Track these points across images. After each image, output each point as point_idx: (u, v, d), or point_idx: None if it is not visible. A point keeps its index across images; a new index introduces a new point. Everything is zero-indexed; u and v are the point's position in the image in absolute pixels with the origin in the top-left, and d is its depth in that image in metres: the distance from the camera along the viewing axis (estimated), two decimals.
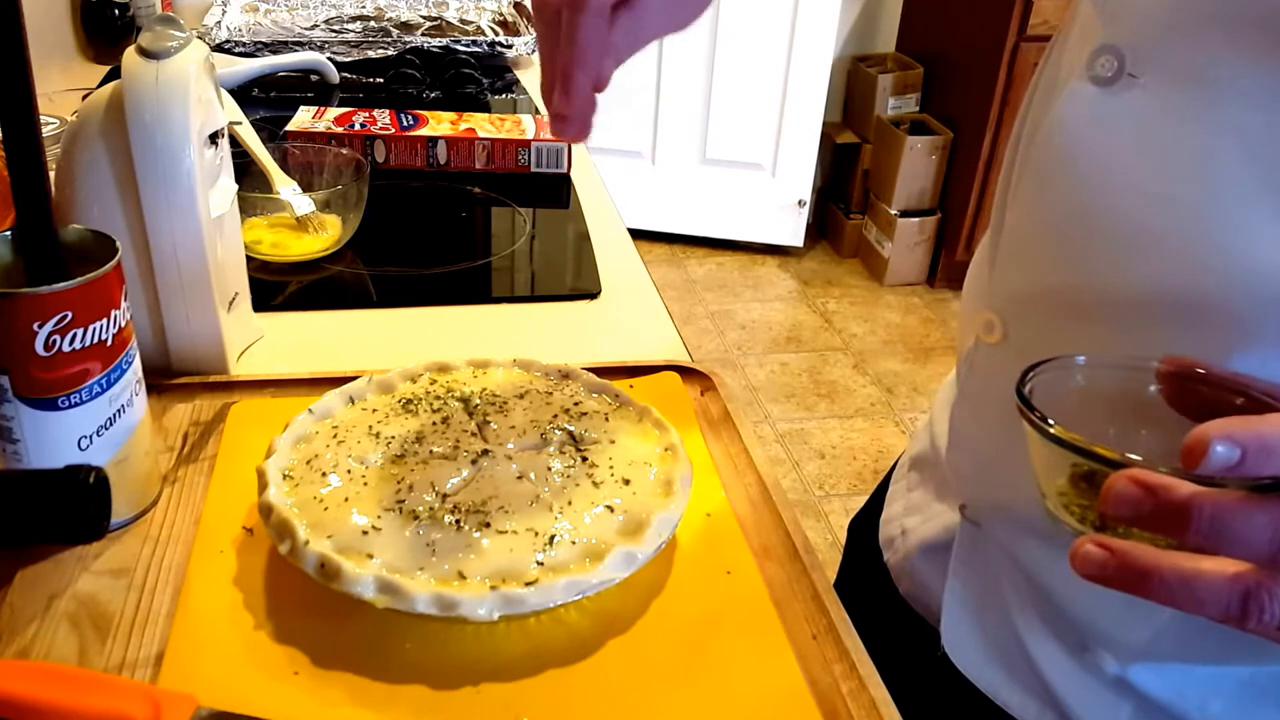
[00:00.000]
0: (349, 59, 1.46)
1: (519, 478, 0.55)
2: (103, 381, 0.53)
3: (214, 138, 0.67)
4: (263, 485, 0.54)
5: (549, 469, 0.56)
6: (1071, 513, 0.40)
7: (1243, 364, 0.43)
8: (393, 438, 0.58)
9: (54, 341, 0.50)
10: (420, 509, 0.52)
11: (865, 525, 0.75)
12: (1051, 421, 0.39)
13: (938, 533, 0.65)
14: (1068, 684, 0.56)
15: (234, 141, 0.88)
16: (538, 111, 1.34)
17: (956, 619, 0.61)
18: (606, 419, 0.61)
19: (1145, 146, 0.47)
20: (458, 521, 0.52)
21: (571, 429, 0.59)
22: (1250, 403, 0.40)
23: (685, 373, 0.72)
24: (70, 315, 0.50)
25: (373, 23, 1.60)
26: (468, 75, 1.43)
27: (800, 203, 3.12)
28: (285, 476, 0.55)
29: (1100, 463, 0.37)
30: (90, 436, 0.54)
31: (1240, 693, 0.51)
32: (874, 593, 0.67)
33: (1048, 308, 0.52)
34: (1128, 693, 0.53)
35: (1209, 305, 0.45)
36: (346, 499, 0.53)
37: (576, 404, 0.62)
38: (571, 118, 0.48)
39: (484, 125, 1.15)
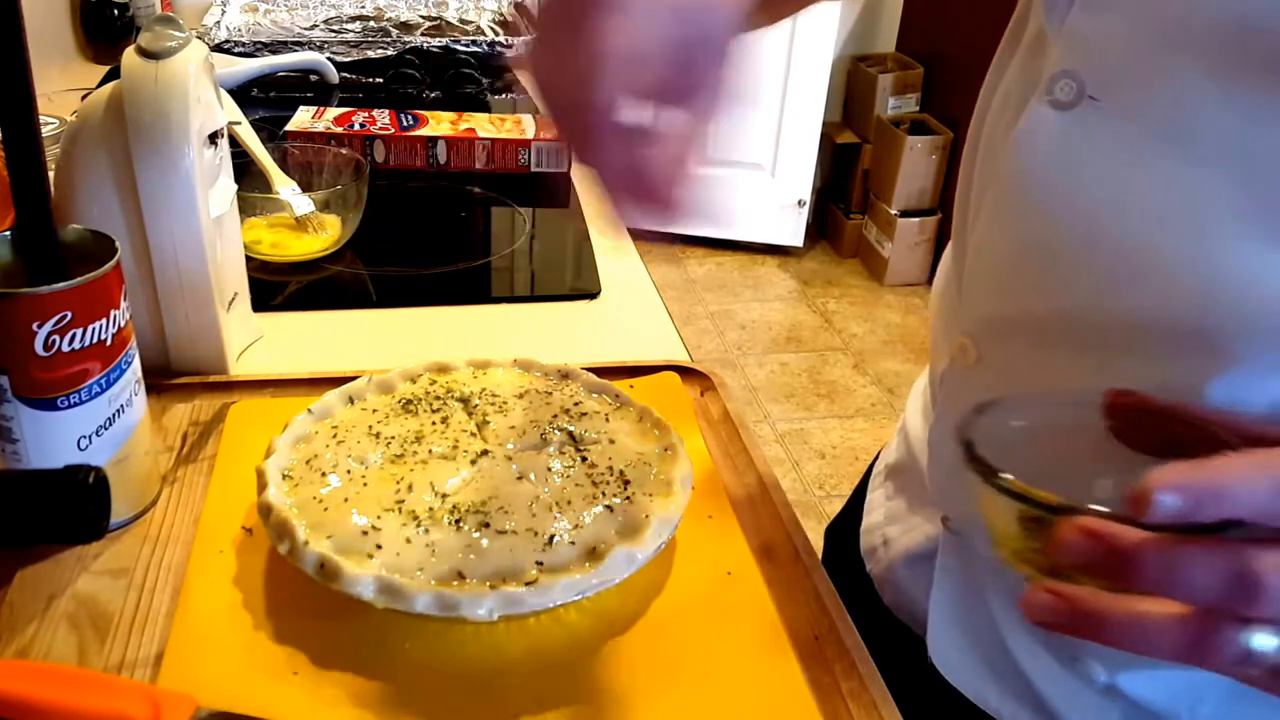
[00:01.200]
0: (348, 59, 1.46)
1: (519, 478, 0.55)
2: (102, 381, 0.53)
3: (213, 138, 0.67)
4: (262, 485, 0.54)
5: (549, 469, 0.56)
6: (1026, 560, 0.39)
7: (1220, 389, 0.43)
8: (392, 438, 0.58)
9: (53, 341, 0.50)
10: (420, 509, 0.52)
11: (843, 532, 0.74)
12: (991, 465, 0.38)
13: (920, 542, 0.64)
14: (1057, 691, 0.55)
15: (233, 141, 0.87)
16: (537, 111, 1.34)
17: (942, 629, 0.60)
18: (606, 419, 0.61)
19: (1111, 170, 0.46)
20: (457, 521, 0.52)
21: (571, 429, 0.59)
22: (1203, 435, 0.39)
23: (685, 373, 0.72)
24: (70, 315, 0.50)
25: (372, 23, 1.60)
26: (467, 75, 1.43)
27: (800, 203, 3.11)
28: (285, 476, 0.55)
29: (1045, 509, 0.36)
30: (90, 436, 0.54)
31: (1229, 696, 0.51)
32: (856, 601, 0.67)
33: (1021, 331, 0.52)
34: (1117, 698, 0.53)
35: (1185, 330, 0.45)
36: (346, 499, 0.53)
37: (576, 404, 0.62)
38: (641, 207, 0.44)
39: (484, 125, 1.15)
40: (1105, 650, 0.53)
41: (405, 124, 1.15)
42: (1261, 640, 0.34)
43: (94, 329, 0.51)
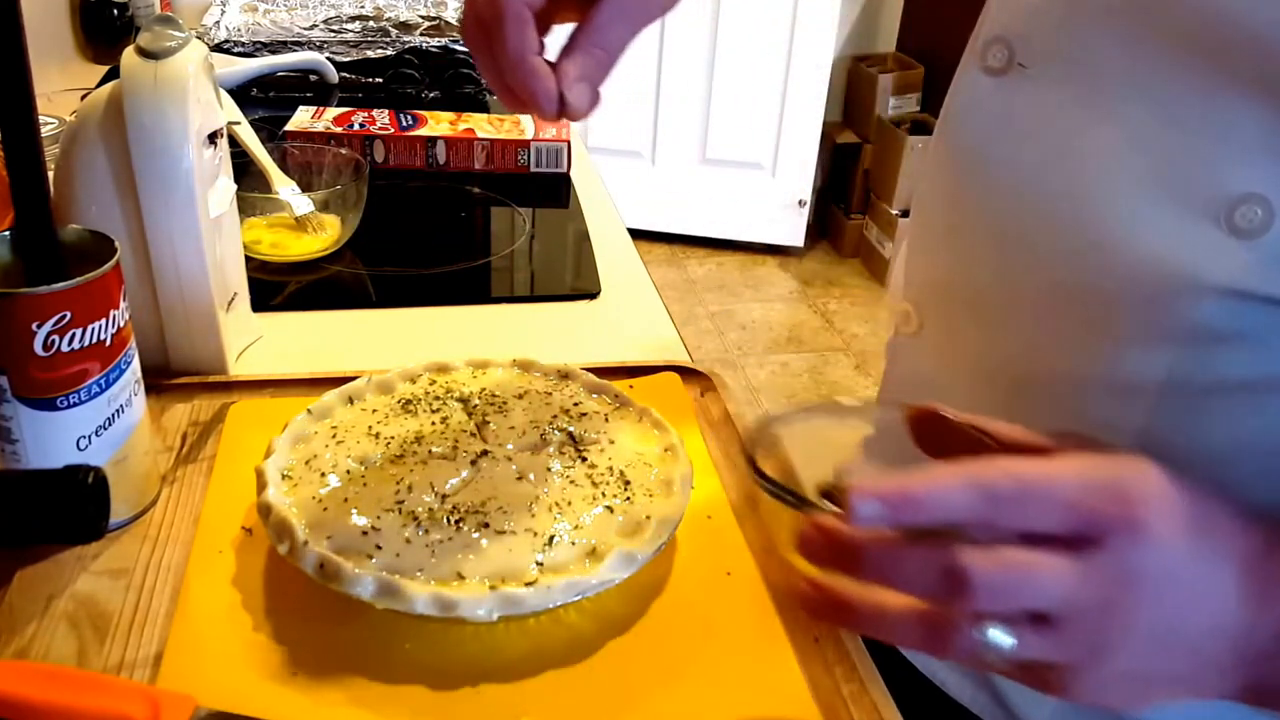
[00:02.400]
0: (348, 59, 1.46)
1: (518, 478, 0.55)
2: (101, 381, 0.53)
3: (213, 138, 0.67)
4: (262, 485, 0.54)
5: (548, 469, 0.56)
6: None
7: (1119, 362, 0.44)
8: (392, 438, 0.58)
9: (53, 341, 0.50)
10: (419, 509, 0.52)
11: None
12: (758, 466, 0.41)
13: None
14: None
15: (233, 141, 0.87)
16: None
17: None
18: (606, 419, 0.61)
19: (1034, 136, 0.47)
20: (457, 522, 0.52)
21: (571, 429, 0.59)
22: (977, 444, 0.41)
23: (685, 373, 0.72)
24: (69, 315, 0.50)
25: (371, 23, 1.60)
26: (466, 75, 1.43)
27: (800, 203, 3.11)
28: (284, 477, 0.55)
29: (793, 503, 0.40)
30: (89, 436, 0.53)
31: None
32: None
33: (955, 299, 0.53)
34: None
35: (1093, 300, 0.45)
36: (346, 499, 0.53)
37: (576, 404, 0.62)
38: (540, 96, 0.46)
39: (483, 125, 1.15)
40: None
41: (405, 124, 1.15)
42: (995, 635, 0.35)
43: (93, 329, 0.51)
